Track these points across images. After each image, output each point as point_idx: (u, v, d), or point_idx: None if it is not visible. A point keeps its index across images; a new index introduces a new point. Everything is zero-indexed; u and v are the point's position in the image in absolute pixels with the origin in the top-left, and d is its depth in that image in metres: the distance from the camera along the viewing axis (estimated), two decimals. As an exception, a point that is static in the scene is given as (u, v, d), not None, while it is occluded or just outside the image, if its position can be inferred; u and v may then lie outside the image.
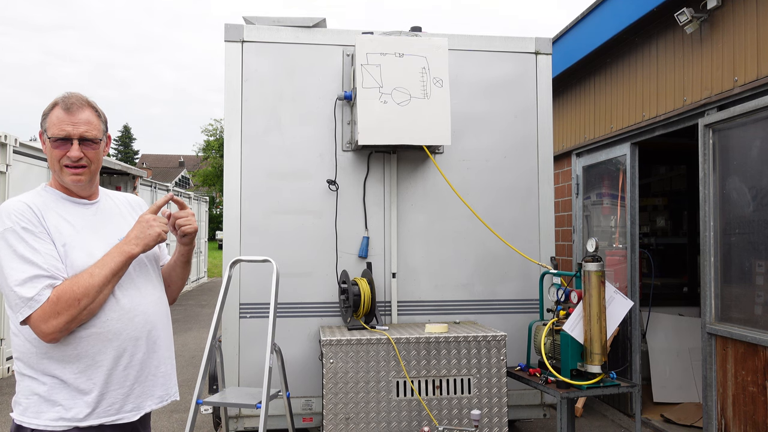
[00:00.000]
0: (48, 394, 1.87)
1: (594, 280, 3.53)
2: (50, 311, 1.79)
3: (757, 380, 3.88)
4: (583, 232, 6.27)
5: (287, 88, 4.28)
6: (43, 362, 1.88)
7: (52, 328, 1.80)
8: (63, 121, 1.94)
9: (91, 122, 1.98)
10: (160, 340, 2.09)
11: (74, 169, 1.96)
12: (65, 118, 1.94)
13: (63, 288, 1.82)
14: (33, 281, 1.80)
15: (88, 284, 1.83)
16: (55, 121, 1.95)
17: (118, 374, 1.95)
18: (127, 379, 1.97)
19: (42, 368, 1.88)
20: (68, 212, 1.98)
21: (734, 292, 4.22)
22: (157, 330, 2.07)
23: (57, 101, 1.98)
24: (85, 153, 1.97)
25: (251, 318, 4.13)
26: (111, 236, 2.04)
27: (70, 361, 1.88)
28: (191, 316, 11.59)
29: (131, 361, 1.98)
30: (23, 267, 1.80)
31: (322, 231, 4.25)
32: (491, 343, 3.77)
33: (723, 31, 4.26)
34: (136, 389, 2.00)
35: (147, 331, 2.03)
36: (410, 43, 4.02)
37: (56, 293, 1.81)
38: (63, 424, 1.87)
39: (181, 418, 5.49)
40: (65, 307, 1.80)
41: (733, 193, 4.20)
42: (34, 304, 1.79)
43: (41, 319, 1.79)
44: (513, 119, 4.52)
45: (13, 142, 6.86)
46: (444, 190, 4.30)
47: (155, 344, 2.06)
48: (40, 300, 1.79)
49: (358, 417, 3.62)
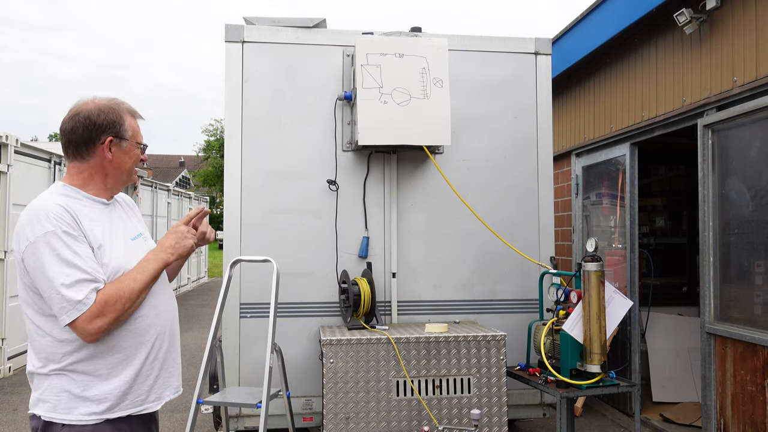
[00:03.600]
0: (80, 391, 1.92)
1: (593, 279, 3.54)
2: (97, 313, 1.86)
3: (756, 380, 3.89)
4: (583, 232, 6.28)
5: (287, 88, 4.29)
6: (76, 360, 1.92)
7: (96, 329, 1.87)
8: (139, 128, 2.12)
9: None
10: (177, 334, 2.23)
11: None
12: (139, 125, 2.13)
13: (109, 291, 1.89)
14: (79, 285, 1.84)
15: (131, 288, 1.93)
16: (136, 128, 2.10)
17: (146, 367, 2.05)
18: (153, 371, 2.07)
19: (74, 366, 1.93)
20: (95, 213, 2.04)
21: (733, 292, 4.22)
22: (175, 324, 2.20)
23: (123, 108, 2.07)
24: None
25: (251, 318, 4.14)
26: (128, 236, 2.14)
27: (104, 357, 1.95)
28: (192, 315, 11.60)
29: (158, 355, 2.08)
30: (68, 270, 1.84)
31: (322, 231, 4.26)
32: (491, 343, 3.78)
33: (722, 31, 4.26)
34: (159, 381, 2.10)
35: (170, 326, 2.15)
36: (410, 44, 4.03)
37: (103, 296, 1.87)
38: (95, 418, 1.93)
39: (181, 417, 5.50)
40: (111, 309, 1.88)
41: (732, 193, 4.20)
42: (83, 307, 1.83)
43: (87, 320, 1.85)
44: (513, 119, 4.53)
45: (14, 143, 6.87)
46: (444, 190, 4.31)
47: (174, 338, 2.19)
48: (88, 303, 1.84)
49: (358, 417, 3.63)
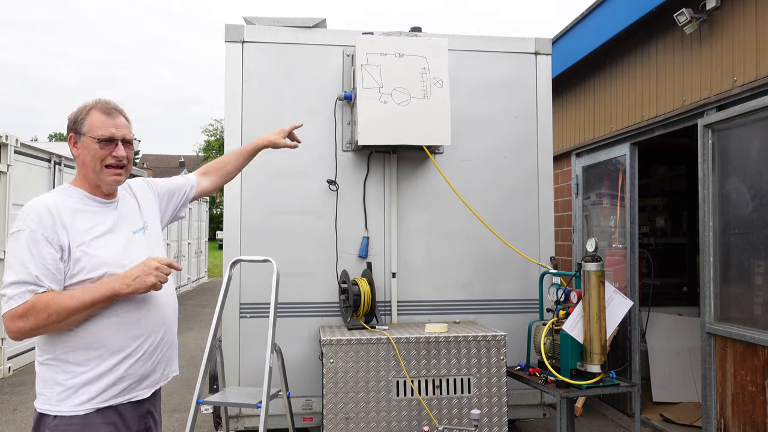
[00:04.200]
0: (70, 381, 1.96)
1: (594, 280, 3.53)
2: (20, 314, 1.88)
3: (756, 380, 3.89)
4: (583, 232, 6.28)
5: (287, 88, 4.29)
6: (66, 350, 1.97)
7: (16, 329, 1.90)
8: (106, 123, 2.06)
9: (127, 126, 2.14)
10: (173, 325, 2.23)
11: (116, 169, 2.08)
12: (108, 121, 2.06)
13: (41, 299, 1.89)
14: (19, 284, 1.90)
15: (65, 304, 1.90)
16: (98, 123, 2.05)
17: (137, 358, 2.06)
18: (145, 362, 2.09)
19: (65, 356, 1.97)
20: (90, 211, 2.07)
21: (733, 292, 4.22)
22: (171, 316, 2.21)
23: (92, 105, 2.09)
24: (126, 154, 2.10)
25: (251, 318, 4.14)
26: (129, 230, 2.15)
27: (94, 348, 1.98)
28: (191, 315, 11.59)
29: (149, 347, 2.09)
30: (18, 269, 1.91)
31: (322, 231, 4.26)
32: (491, 343, 3.78)
33: (722, 31, 4.26)
34: (151, 371, 2.12)
35: (164, 318, 2.15)
36: (410, 44, 4.03)
37: (33, 301, 1.89)
38: (85, 408, 1.97)
39: (181, 417, 5.50)
40: (34, 316, 1.88)
41: (732, 193, 4.20)
42: (11, 305, 1.89)
43: (9, 319, 1.89)
44: (513, 119, 4.52)
45: (14, 143, 6.86)
46: (444, 190, 4.30)
47: (168, 330, 2.19)
48: (16, 302, 1.88)
49: (358, 417, 3.62)
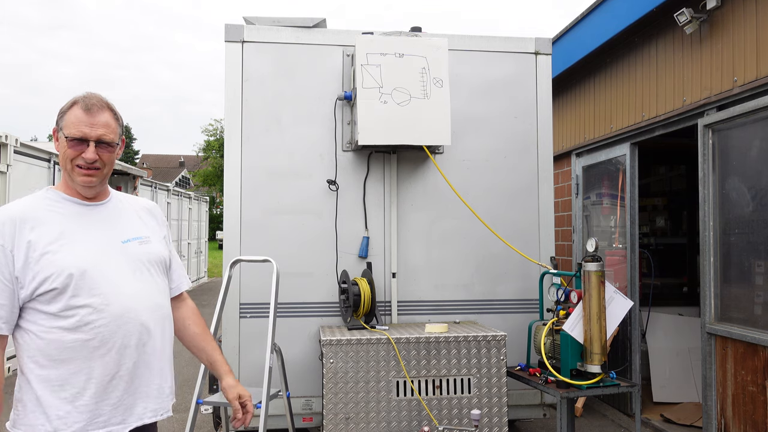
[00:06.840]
0: (35, 404, 1.85)
1: (594, 280, 3.53)
2: None
3: (757, 380, 3.89)
4: (583, 232, 6.28)
5: (287, 88, 4.28)
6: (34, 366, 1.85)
7: None
8: (81, 121, 1.91)
9: (109, 125, 1.95)
10: (155, 351, 1.99)
11: (87, 170, 1.93)
12: (84, 119, 1.91)
13: None
14: None
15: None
16: (73, 120, 1.91)
17: (105, 384, 1.89)
18: (115, 389, 1.91)
19: (32, 370, 1.85)
20: (64, 214, 1.94)
21: (734, 292, 4.22)
22: (152, 339, 1.98)
23: (77, 100, 1.95)
24: (100, 155, 1.93)
25: (251, 318, 4.14)
26: (115, 238, 2.00)
27: (56, 367, 1.85)
28: (191, 316, 11.57)
29: (119, 371, 1.91)
30: None
31: (322, 231, 4.25)
32: (491, 343, 3.77)
33: (722, 31, 4.26)
34: (126, 400, 1.93)
35: (137, 339, 1.94)
36: (410, 44, 4.02)
37: None
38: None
39: (181, 418, 5.49)
40: None
41: (732, 193, 4.20)
42: None
43: None
44: (513, 119, 4.52)
45: (14, 143, 6.86)
46: (444, 190, 4.30)
47: (147, 354, 1.97)
48: None
49: (358, 417, 3.62)
